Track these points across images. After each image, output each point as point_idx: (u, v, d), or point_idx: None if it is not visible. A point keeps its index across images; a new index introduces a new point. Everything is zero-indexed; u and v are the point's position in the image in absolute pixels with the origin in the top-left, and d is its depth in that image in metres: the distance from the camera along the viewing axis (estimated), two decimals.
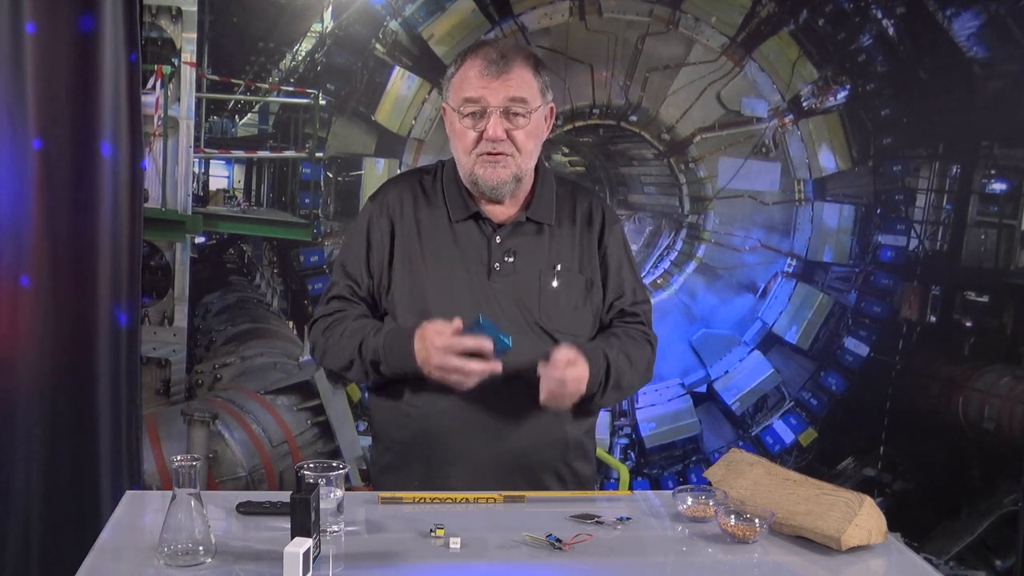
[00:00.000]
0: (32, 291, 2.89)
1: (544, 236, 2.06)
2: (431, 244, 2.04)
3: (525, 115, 1.97)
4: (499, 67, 1.95)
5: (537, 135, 2.02)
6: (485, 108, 1.95)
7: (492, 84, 1.94)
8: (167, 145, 3.30)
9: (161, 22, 3.27)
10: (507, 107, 1.95)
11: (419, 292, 2.02)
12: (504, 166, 1.98)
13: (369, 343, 1.98)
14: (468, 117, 1.97)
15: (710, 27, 3.50)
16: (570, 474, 2.08)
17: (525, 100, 1.97)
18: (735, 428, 3.66)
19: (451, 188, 2.07)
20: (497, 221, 2.05)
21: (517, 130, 1.97)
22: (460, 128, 1.99)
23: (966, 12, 3.49)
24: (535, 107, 1.98)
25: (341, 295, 2.08)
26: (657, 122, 3.53)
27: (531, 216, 2.06)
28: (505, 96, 1.95)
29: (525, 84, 1.97)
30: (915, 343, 3.63)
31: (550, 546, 1.64)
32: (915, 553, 1.74)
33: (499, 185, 1.99)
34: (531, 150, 2.01)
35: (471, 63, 1.97)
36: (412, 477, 2.00)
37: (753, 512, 1.70)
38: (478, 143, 1.97)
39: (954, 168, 3.61)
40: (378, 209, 2.09)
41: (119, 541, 1.63)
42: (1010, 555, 3.60)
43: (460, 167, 2.03)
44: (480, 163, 1.98)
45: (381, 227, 2.07)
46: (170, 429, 3.37)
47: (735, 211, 3.59)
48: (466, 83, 1.97)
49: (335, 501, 1.63)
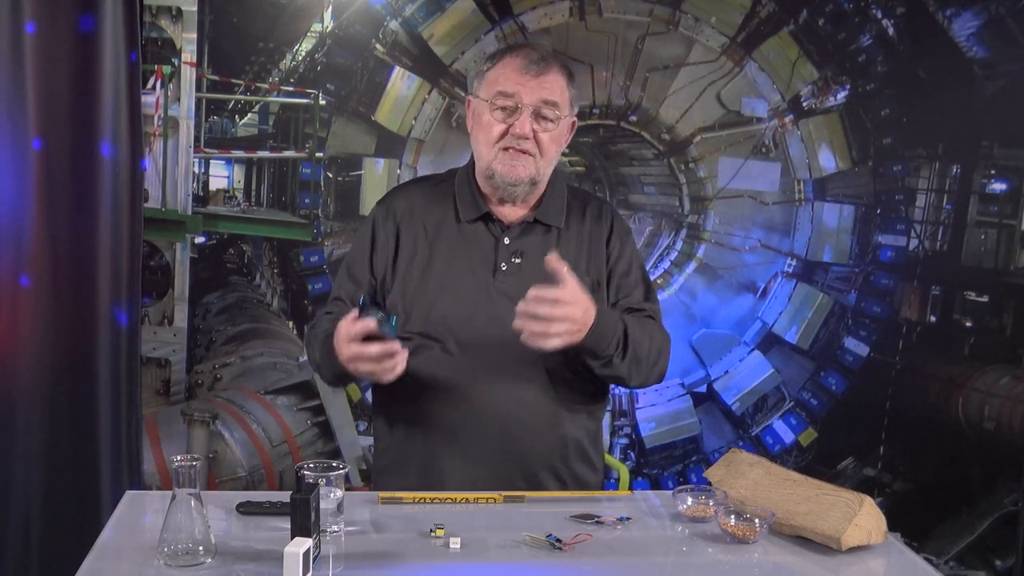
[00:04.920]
0: (32, 291, 2.89)
1: (552, 238, 2.06)
2: (438, 244, 2.04)
3: (554, 120, 1.98)
4: (538, 68, 1.97)
5: (559, 142, 2.03)
6: (518, 104, 1.96)
7: (529, 83, 1.96)
8: (167, 145, 3.30)
9: (161, 22, 3.27)
10: (539, 108, 1.97)
11: (424, 292, 2.02)
12: (524, 165, 1.98)
13: (317, 347, 2.00)
14: (499, 110, 1.98)
15: (710, 27, 3.50)
16: (570, 476, 2.07)
17: (557, 105, 1.98)
18: (735, 428, 3.66)
19: (463, 189, 2.08)
20: (506, 223, 2.05)
21: (544, 133, 1.98)
22: (488, 119, 1.99)
23: (966, 12, 3.49)
24: (564, 114, 2.00)
25: (339, 297, 2.09)
26: (657, 122, 3.53)
27: (539, 218, 2.06)
28: (539, 97, 1.96)
29: (559, 90, 1.99)
30: (915, 343, 3.63)
31: (550, 546, 1.64)
32: (915, 553, 1.74)
33: (516, 183, 1.99)
34: (552, 156, 2.02)
35: (511, 59, 1.99)
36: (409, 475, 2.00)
37: (753, 512, 1.70)
38: (503, 137, 1.98)
39: (954, 168, 3.61)
40: (384, 212, 2.10)
41: (119, 541, 1.63)
42: (1010, 555, 3.60)
43: (479, 159, 2.03)
44: (500, 158, 1.98)
45: (387, 229, 2.07)
46: (170, 429, 3.37)
47: (735, 211, 3.59)
48: (503, 77, 1.98)
49: (335, 501, 1.63)
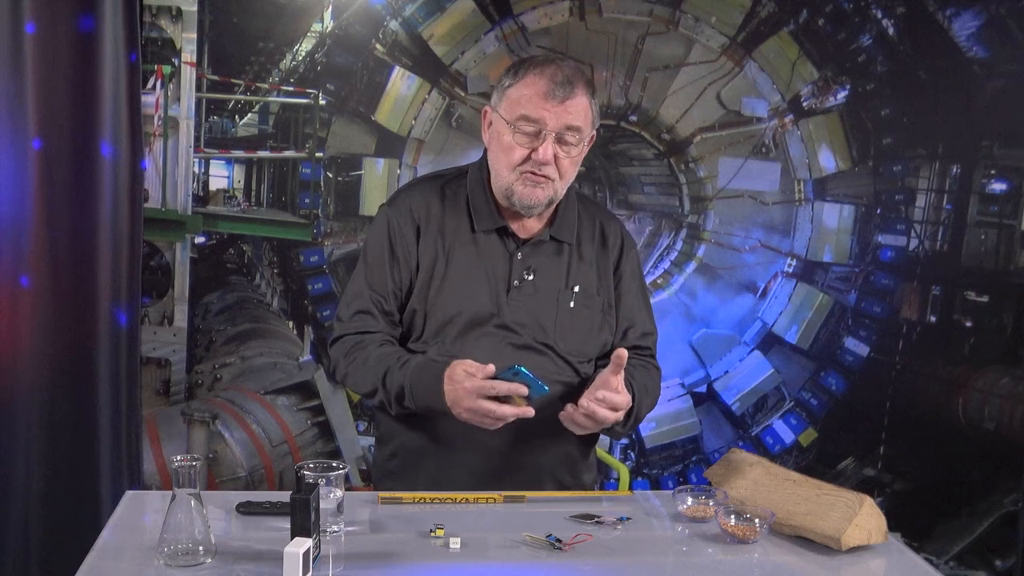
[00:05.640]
0: (32, 291, 2.89)
1: (564, 256, 2.05)
2: (454, 253, 2.01)
3: (576, 144, 1.96)
4: (564, 92, 1.92)
5: (578, 162, 2.01)
6: (541, 131, 1.93)
7: (555, 108, 1.91)
8: (167, 145, 3.30)
9: (161, 22, 3.27)
10: (562, 134, 1.93)
11: (439, 301, 2.00)
12: (543, 188, 1.96)
13: (395, 376, 1.93)
14: (522, 135, 1.94)
15: (710, 27, 3.50)
16: (574, 484, 2.09)
17: (580, 129, 1.95)
18: (735, 428, 3.66)
19: (478, 197, 2.04)
20: (520, 236, 2.04)
21: (565, 158, 1.95)
22: (509, 142, 1.95)
23: (966, 12, 3.49)
24: (586, 137, 1.98)
25: (366, 310, 2.02)
26: (657, 122, 3.53)
27: (554, 235, 2.05)
28: (563, 123, 1.92)
29: (583, 113, 1.95)
30: (915, 343, 3.63)
31: (550, 546, 1.64)
32: (915, 553, 1.74)
33: (535, 206, 1.97)
34: (570, 176, 2.00)
35: (535, 80, 1.93)
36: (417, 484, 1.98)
37: (753, 512, 1.70)
38: (524, 161, 1.94)
39: (954, 168, 3.61)
40: (400, 214, 2.03)
41: (119, 541, 1.63)
42: (1010, 555, 3.60)
43: (497, 179, 2.00)
44: (521, 181, 1.95)
45: (405, 233, 2.02)
46: (170, 429, 3.37)
47: (735, 211, 3.60)
48: (527, 101, 1.92)
49: (335, 501, 1.63)
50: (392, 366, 1.93)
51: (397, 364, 1.93)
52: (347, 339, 2.02)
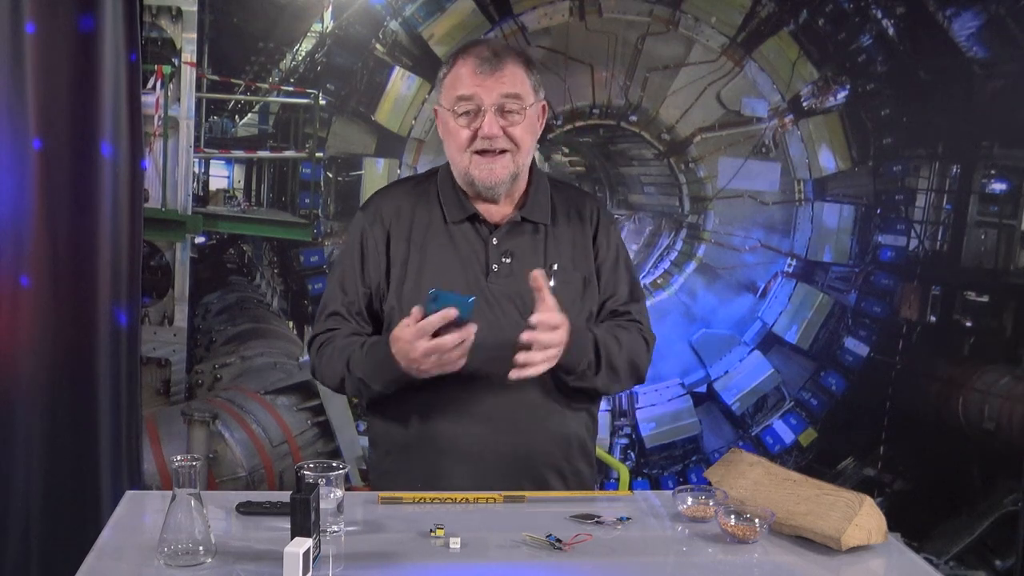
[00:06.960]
0: (32, 291, 2.89)
1: (540, 236, 2.06)
2: (428, 247, 2.03)
3: (520, 111, 1.96)
4: (492, 64, 1.94)
5: (533, 131, 2.01)
6: (479, 106, 1.94)
7: (486, 82, 1.94)
8: (167, 145, 3.30)
9: (161, 22, 3.27)
10: (502, 104, 1.95)
11: (418, 296, 2.00)
12: (502, 165, 1.97)
13: (355, 360, 1.97)
14: (463, 116, 1.96)
15: (710, 27, 3.50)
16: (572, 473, 2.08)
17: (519, 96, 1.96)
18: (735, 428, 3.66)
19: (447, 190, 2.06)
20: (493, 221, 2.05)
21: (513, 126, 1.96)
22: (454, 127, 1.98)
23: (966, 12, 3.49)
24: (529, 103, 1.98)
25: (337, 312, 2.06)
26: (657, 122, 3.53)
27: (526, 216, 2.05)
28: (499, 93, 1.94)
29: (519, 80, 1.96)
30: (915, 343, 3.63)
31: (550, 546, 1.64)
32: (915, 553, 1.74)
33: (496, 184, 1.99)
34: (528, 146, 2.01)
35: (463, 62, 1.97)
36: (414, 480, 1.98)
37: (753, 512, 1.70)
38: (472, 141, 1.96)
39: (954, 168, 3.61)
40: (370, 218, 2.07)
41: (119, 541, 1.63)
42: (1010, 555, 3.60)
43: (455, 167, 2.02)
44: (475, 164, 1.97)
45: (375, 236, 2.05)
46: (170, 429, 3.37)
47: (735, 211, 3.60)
48: (459, 81, 1.96)
49: (335, 501, 1.63)
50: (353, 351, 1.98)
51: (357, 347, 1.98)
52: (318, 338, 2.07)
